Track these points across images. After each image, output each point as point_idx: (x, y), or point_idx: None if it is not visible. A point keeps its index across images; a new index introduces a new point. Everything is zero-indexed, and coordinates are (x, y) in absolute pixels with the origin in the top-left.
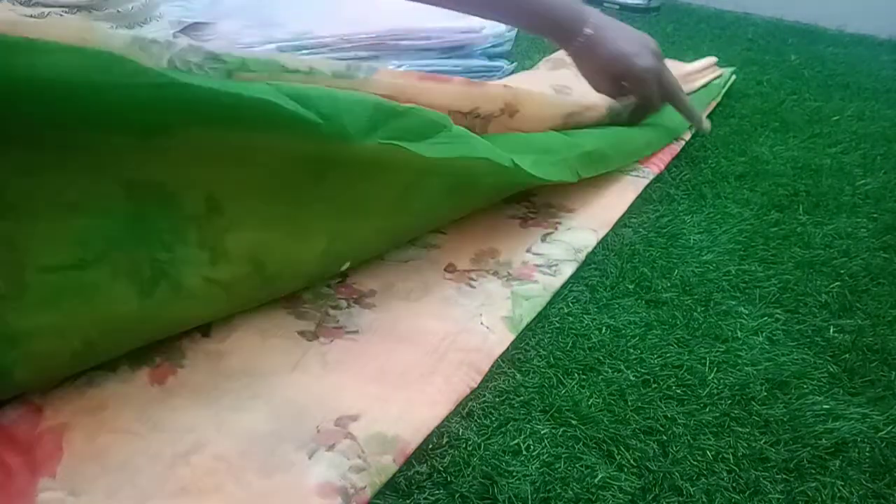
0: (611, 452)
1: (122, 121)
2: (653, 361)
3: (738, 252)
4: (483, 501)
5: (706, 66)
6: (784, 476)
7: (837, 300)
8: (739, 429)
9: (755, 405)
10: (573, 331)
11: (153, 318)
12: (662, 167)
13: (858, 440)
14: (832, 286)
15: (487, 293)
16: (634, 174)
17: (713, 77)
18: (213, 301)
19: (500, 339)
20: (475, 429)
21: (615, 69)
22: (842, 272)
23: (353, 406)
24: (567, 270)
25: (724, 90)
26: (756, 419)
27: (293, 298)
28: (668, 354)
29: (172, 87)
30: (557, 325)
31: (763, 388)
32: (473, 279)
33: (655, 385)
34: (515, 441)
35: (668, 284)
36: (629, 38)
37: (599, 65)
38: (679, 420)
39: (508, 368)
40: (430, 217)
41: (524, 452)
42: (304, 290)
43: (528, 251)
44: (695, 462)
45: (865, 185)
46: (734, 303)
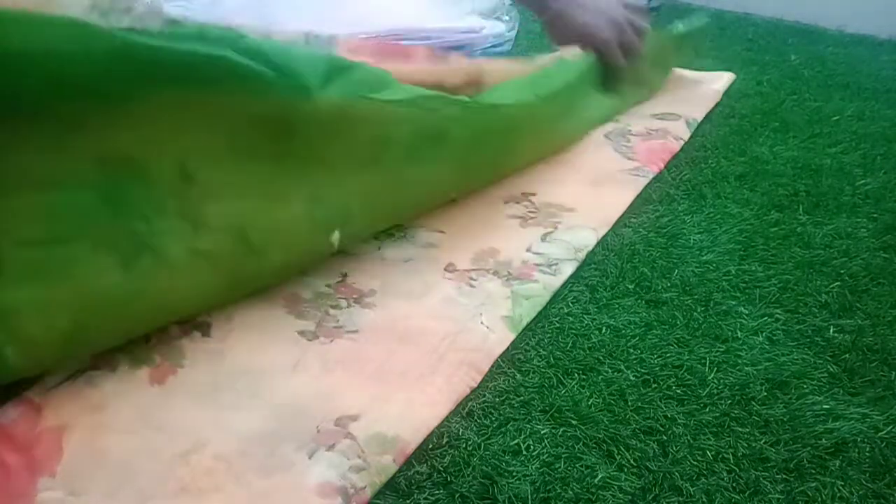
0: (611, 452)
1: (85, 89)
2: (653, 361)
3: (738, 252)
4: (483, 501)
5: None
6: (784, 476)
7: (837, 300)
8: (739, 429)
9: (755, 405)
10: (573, 331)
11: (140, 294)
12: (662, 166)
13: (858, 440)
14: (832, 286)
15: (487, 293)
16: (634, 173)
17: (726, 81)
18: (200, 275)
19: (501, 339)
20: (475, 429)
21: (579, 41)
22: (842, 272)
23: (353, 406)
24: (567, 270)
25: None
26: (756, 419)
27: (293, 298)
28: (668, 354)
29: (131, 49)
30: (557, 325)
31: (763, 388)
32: (473, 279)
33: (655, 385)
34: (515, 441)
35: (668, 284)
36: (594, 11)
37: (567, 36)
38: (679, 420)
39: (508, 368)
40: (411, 181)
41: (524, 452)
42: (304, 289)
43: (528, 250)
44: (695, 462)
45: (865, 185)
46: (734, 303)
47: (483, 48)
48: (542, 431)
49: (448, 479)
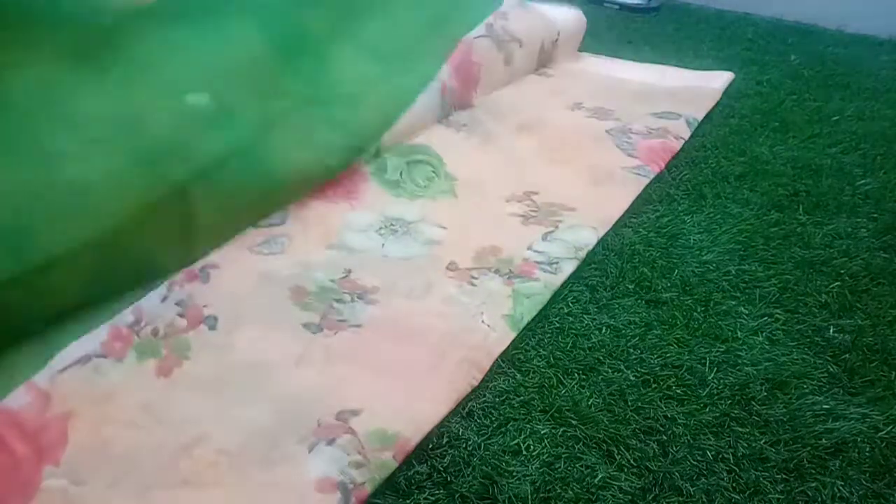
0: (611, 452)
1: None
2: (653, 361)
3: (738, 252)
4: (483, 501)
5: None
6: (784, 476)
7: (837, 300)
8: (739, 429)
9: (755, 405)
10: (573, 331)
11: None
12: (663, 165)
13: (858, 440)
14: (832, 286)
15: (489, 291)
16: (636, 172)
17: (725, 80)
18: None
19: (501, 338)
20: (475, 429)
21: None
22: (842, 272)
23: (355, 401)
24: (568, 268)
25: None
26: (756, 419)
27: (298, 291)
28: (668, 354)
29: None
30: (557, 325)
31: (763, 388)
32: (475, 277)
33: (655, 385)
34: (515, 441)
35: (668, 284)
36: None
37: None
38: (679, 420)
39: (508, 368)
40: None
41: (524, 452)
42: (309, 283)
43: (530, 249)
44: (695, 462)
45: (865, 185)
46: (734, 303)
47: None
48: (542, 431)
49: (448, 479)
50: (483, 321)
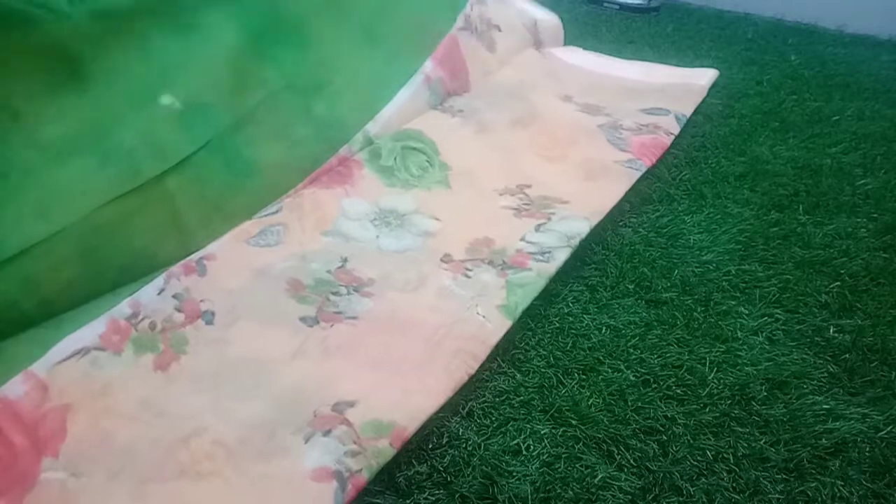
0: (611, 452)
1: None
2: (653, 361)
3: (738, 252)
4: (483, 501)
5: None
6: (784, 476)
7: (837, 300)
8: (739, 429)
9: (755, 405)
10: (573, 331)
11: None
12: (654, 160)
13: (858, 440)
14: (832, 286)
15: (483, 283)
16: (628, 165)
17: (711, 77)
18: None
19: (497, 328)
20: (475, 429)
21: None
22: (842, 272)
23: (351, 392)
24: (560, 256)
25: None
26: (756, 419)
27: (295, 284)
28: (668, 354)
29: None
30: (557, 325)
31: (763, 388)
32: (469, 269)
33: (655, 385)
34: (515, 441)
35: (668, 284)
36: None
37: None
38: (679, 420)
39: (508, 368)
40: None
41: (524, 452)
42: (306, 276)
43: (523, 240)
44: (695, 462)
45: (865, 185)
46: (734, 303)
47: None
48: (542, 431)
49: (448, 479)
50: (478, 312)
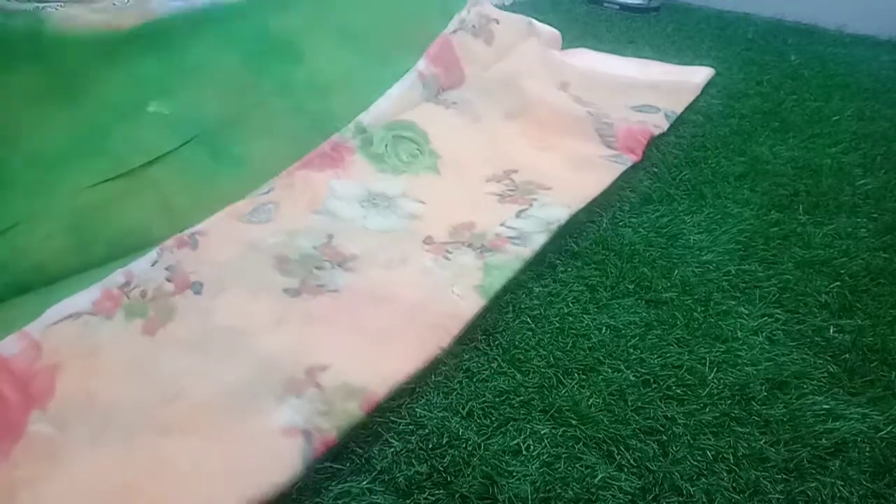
0: (611, 452)
1: None
2: (653, 361)
3: (738, 252)
4: (483, 501)
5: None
6: (784, 476)
7: (837, 300)
8: (739, 429)
9: (755, 405)
10: (573, 331)
11: None
12: (640, 154)
13: (858, 440)
14: (832, 286)
15: (461, 265)
16: (613, 160)
17: (706, 75)
18: None
19: (471, 305)
20: (475, 429)
21: None
22: (842, 272)
23: (325, 358)
24: (538, 240)
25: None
26: (756, 419)
27: (282, 259)
28: (668, 354)
29: None
30: (557, 325)
31: (763, 388)
32: (450, 252)
33: (655, 385)
34: (515, 441)
35: (668, 284)
36: None
37: None
38: (679, 420)
39: (508, 368)
40: None
41: (524, 452)
42: (292, 251)
43: (503, 224)
44: (695, 462)
45: (865, 185)
46: (734, 303)
47: None
48: (542, 431)
49: (448, 479)
50: (454, 291)
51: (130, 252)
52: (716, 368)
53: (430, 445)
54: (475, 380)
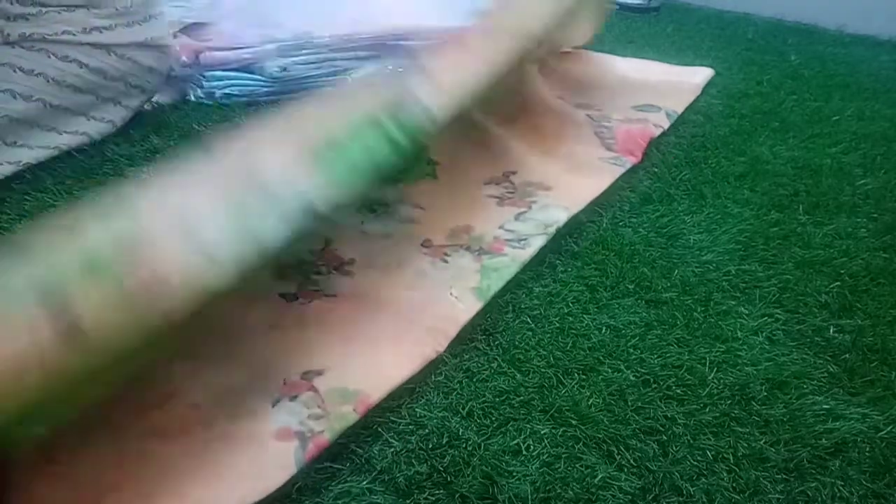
0: (611, 452)
1: None
2: (653, 361)
3: (738, 252)
4: (483, 501)
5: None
6: (784, 476)
7: (837, 300)
8: (739, 429)
9: (755, 405)
10: (573, 331)
11: None
12: (640, 156)
13: (858, 440)
14: (832, 286)
15: (459, 267)
16: (612, 162)
17: (706, 76)
18: None
19: (468, 307)
20: (475, 429)
21: None
22: (842, 272)
23: (321, 362)
24: (536, 243)
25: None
26: (756, 419)
27: (279, 265)
28: (668, 354)
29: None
30: (557, 325)
31: (763, 388)
32: (448, 254)
33: (655, 385)
34: (515, 441)
35: (668, 284)
36: None
37: None
38: (679, 420)
39: (508, 368)
40: None
41: (524, 452)
42: (289, 257)
43: (501, 227)
44: (695, 462)
45: (865, 185)
46: (734, 303)
47: None
48: (542, 431)
49: (448, 479)
50: (451, 293)
51: None
52: (716, 368)
53: (430, 445)
54: (475, 380)
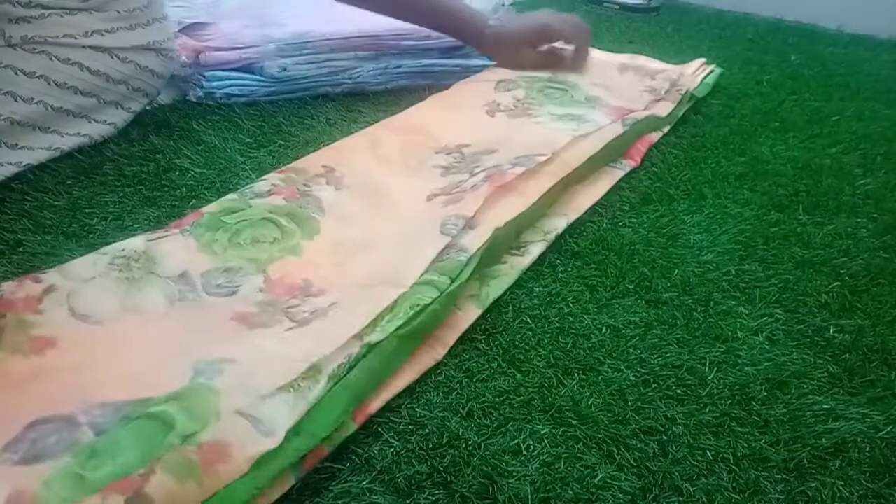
0: (611, 452)
1: None
2: (653, 361)
3: (738, 252)
4: (483, 501)
5: (697, 68)
6: (784, 476)
7: (837, 300)
8: (739, 429)
9: (755, 405)
10: (573, 331)
11: None
12: (640, 160)
13: (858, 440)
14: (832, 286)
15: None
16: (612, 165)
17: (706, 73)
18: None
19: (467, 316)
20: (475, 429)
21: (533, 33)
22: (842, 272)
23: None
24: (535, 250)
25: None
26: (756, 419)
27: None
28: (668, 354)
29: None
30: (557, 325)
31: (763, 388)
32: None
33: (655, 385)
34: (515, 441)
35: (668, 284)
36: (538, 15)
37: (516, 39)
38: (679, 420)
39: (508, 368)
40: None
41: (524, 452)
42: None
43: None
44: (695, 462)
45: (865, 185)
46: (734, 303)
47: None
48: (542, 431)
49: (448, 479)
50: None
51: None
52: (716, 368)
53: (430, 445)
54: (475, 380)
